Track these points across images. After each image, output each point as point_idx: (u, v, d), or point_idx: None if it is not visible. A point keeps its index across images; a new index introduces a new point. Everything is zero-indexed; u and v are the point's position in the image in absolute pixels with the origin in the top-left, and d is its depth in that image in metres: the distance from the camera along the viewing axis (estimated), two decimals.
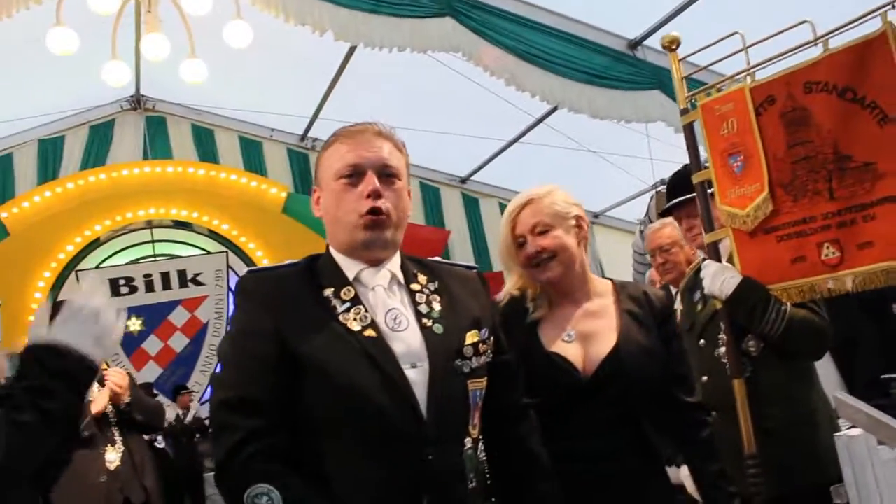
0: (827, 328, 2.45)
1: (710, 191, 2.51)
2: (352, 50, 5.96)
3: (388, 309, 1.73)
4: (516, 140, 7.16)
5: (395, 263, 1.81)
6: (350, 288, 1.74)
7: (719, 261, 2.53)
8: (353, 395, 1.62)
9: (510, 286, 2.24)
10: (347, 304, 1.71)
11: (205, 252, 7.27)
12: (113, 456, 3.79)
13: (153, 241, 7.21)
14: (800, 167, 2.21)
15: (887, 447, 2.16)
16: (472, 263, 2.08)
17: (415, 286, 1.80)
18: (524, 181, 2.22)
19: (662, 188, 6.67)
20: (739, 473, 2.33)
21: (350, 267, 1.78)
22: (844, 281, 2.18)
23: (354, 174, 1.73)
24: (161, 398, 6.09)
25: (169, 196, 7.15)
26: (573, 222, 2.16)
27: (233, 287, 7.26)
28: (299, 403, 1.65)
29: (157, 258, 7.18)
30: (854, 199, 2.11)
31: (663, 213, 3.17)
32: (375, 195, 1.71)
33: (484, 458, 1.80)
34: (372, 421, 1.61)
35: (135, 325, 6.85)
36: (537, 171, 6.96)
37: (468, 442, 1.73)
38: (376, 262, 1.78)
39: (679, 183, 2.92)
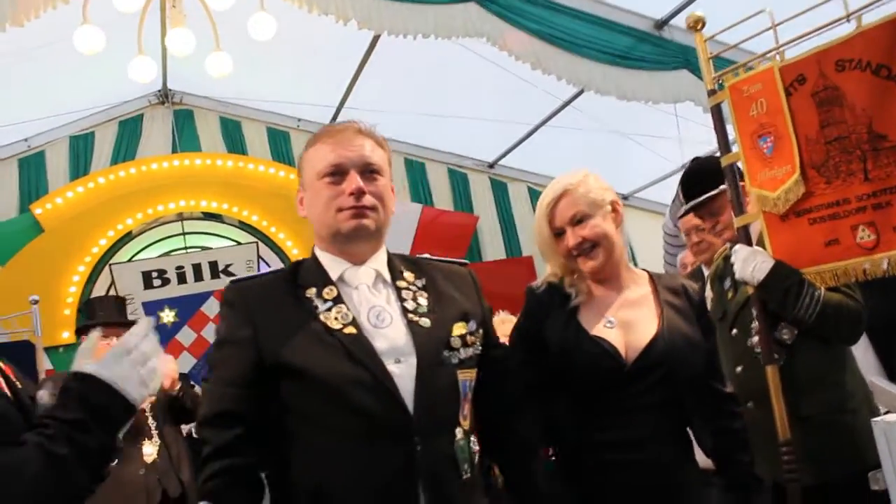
0: (862, 312, 2.40)
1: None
2: (376, 38, 5.93)
3: (371, 306, 1.76)
4: (543, 123, 7.10)
5: (380, 261, 1.85)
6: (332, 287, 1.78)
7: (750, 245, 2.49)
8: (334, 392, 1.65)
9: (547, 276, 2.24)
10: (329, 304, 1.74)
11: (235, 243, 7.30)
12: (150, 449, 3.84)
13: (184, 234, 7.26)
14: (833, 148, 2.17)
15: None
16: (503, 254, 2.08)
17: (401, 283, 1.83)
18: (552, 165, 2.21)
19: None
20: (777, 462, 2.31)
21: (334, 267, 1.81)
22: (880, 264, 2.14)
23: (337, 173, 1.78)
24: (197, 389, 6.15)
25: (198, 188, 7.20)
26: (609, 208, 2.15)
27: None
28: (284, 404, 1.69)
29: (189, 250, 7.23)
30: (890, 181, 2.07)
31: (682, 216, 3.12)
32: (359, 193, 1.76)
33: (476, 449, 1.80)
34: (356, 417, 1.64)
35: (168, 316, 6.91)
36: (565, 154, 6.92)
37: (459, 432, 1.74)
38: (360, 259, 1.81)
39: (693, 179, 2.88)
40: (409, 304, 1.79)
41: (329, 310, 1.73)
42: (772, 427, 2.35)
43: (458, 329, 1.79)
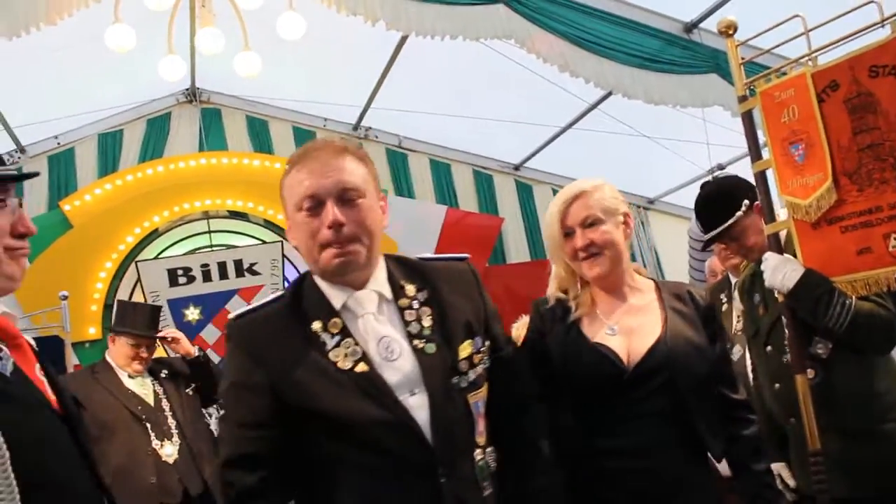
0: (894, 321, 2.37)
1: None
2: (403, 39, 5.93)
3: (380, 338, 1.72)
4: (570, 126, 7.06)
5: (380, 280, 1.79)
6: (337, 320, 1.72)
7: (781, 253, 2.46)
8: (358, 433, 1.63)
9: (553, 284, 2.25)
10: (337, 339, 1.70)
11: (260, 242, 7.32)
12: (170, 449, 3.89)
13: (210, 232, 7.30)
14: (865, 155, 2.13)
15: None
16: (527, 257, 2.08)
17: (403, 301, 1.78)
18: (578, 168, 2.22)
19: (719, 173, 6.55)
20: (805, 471, 2.28)
21: (335, 295, 1.76)
22: None
23: (314, 205, 1.70)
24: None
25: (225, 187, 7.21)
26: (621, 218, 2.18)
27: (288, 276, 7.34)
28: (305, 447, 1.68)
29: (214, 248, 7.26)
30: None
31: (704, 248, 3.07)
32: (336, 226, 1.68)
33: (494, 462, 1.79)
34: (381, 456, 1.63)
35: (193, 314, 6.95)
36: (591, 157, 6.88)
37: (478, 453, 1.74)
38: (358, 284, 1.76)
39: (706, 209, 2.83)
40: (413, 328, 1.75)
41: (337, 345, 1.70)
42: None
43: (465, 350, 1.77)
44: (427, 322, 1.76)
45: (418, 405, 1.67)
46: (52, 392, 1.68)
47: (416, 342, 1.72)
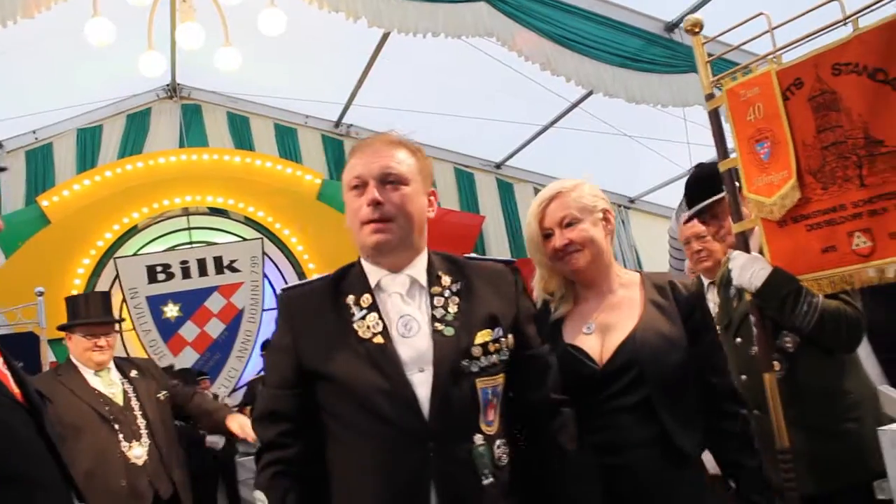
0: (860, 320, 2.37)
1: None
2: (385, 36, 5.92)
3: (402, 315, 1.82)
4: (551, 125, 7.08)
5: (419, 267, 1.88)
6: (369, 295, 1.85)
7: (748, 251, 2.46)
8: (359, 398, 1.75)
9: (538, 286, 2.24)
10: (364, 312, 1.83)
11: (240, 239, 7.31)
12: (139, 451, 3.71)
13: (189, 229, 7.28)
14: (829, 153, 2.13)
15: None
16: (508, 255, 2.11)
17: (436, 289, 1.87)
18: (559, 166, 2.21)
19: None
20: (775, 469, 2.28)
21: (373, 273, 1.88)
22: (877, 271, 2.11)
23: (360, 185, 1.83)
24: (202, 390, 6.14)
25: (205, 183, 7.21)
26: (600, 215, 2.16)
27: (268, 274, 7.32)
28: (319, 404, 1.82)
29: (194, 245, 7.24)
30: (886, 187, 2.03)
31: (687, 221, 3.10)
32: (374, 203, 1.79)
33: (502, 454, 1.82)
34: (377, 421, 1.73)
35: (172, 310, 6.93)
36: (572, 156, 6.89)
37: (479, 438, 1.77)
38: (397, 267, 1.86)
39: (696, 185, 2.85)
40: (438, 312, 1.83)
41: (363, 318, 1.81)
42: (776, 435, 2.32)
43: (482, 337, 1.82)
44: (453, 309, 1.84)
45: (422, 381, 1.75)
46: (17, 385, 1.66)
47: (436, 325, 1.81)
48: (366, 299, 1.84)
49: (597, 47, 5.41)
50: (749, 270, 2.38)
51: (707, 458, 2.15)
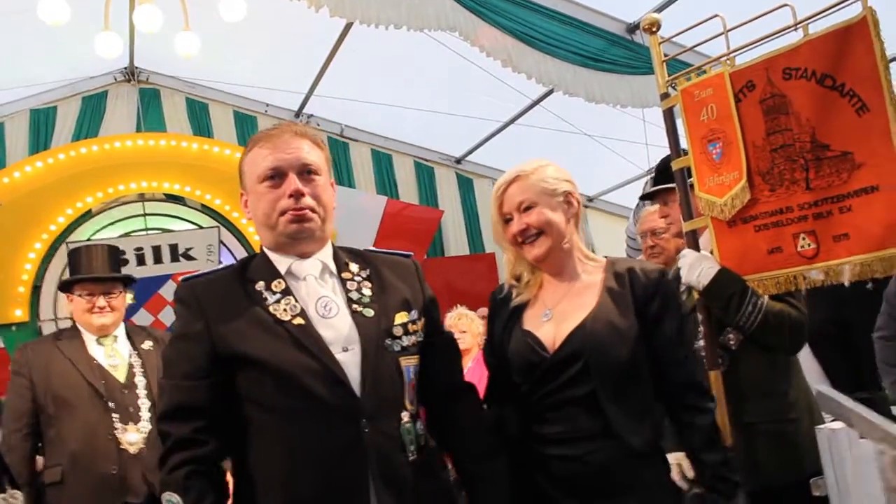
0: (804, 322, 2.42)
1: (689, 179, 2.48)
2: (348, 27, 5.89)
3: (319, 297, 1.85)
4: (512, 122, 7.11)
5: (326, 254, 1.93)
6: (281, 280, 1.86)
7: (697, 250, 2.50)
8: (286, 379, 1.73)
9: (508, 270, 2.23)
10: (278, 296, 1.83)
11: (197, 227, 7.21)
12: (134, 436, 3.24)
13: (145, 215, 7.16)
14: (778, 156, 2.18)
15: (868, 441, 2.14)
16: (466, 250, 2.14)
17: (346, 274, 1.92)
18: (519, 162, 2.19)
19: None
20: None
21: (281, 261, 1.89)
22: (819, 273, 2.15)
23: (276, 176, 1.85)
24: None
25: (161, 169, 7.07)
26: (561, 198, 2.12)
27: (225, 262, 7.24)
28: (240, 393, 1.78)
29: (149, 232, 7.13)
30: (831, 190, 2.08)
31: (644, 197, 3.15)
32: (297, 195, 1.83)
33: (422, 433, 1.87)
34: (307, 401, 1.72)
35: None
36: (532, 153, 6.82)
37: (405, 416, 1.82)
38: (306, 255, 1.89)
39: (663, 170, 2.89)
40: (354, 295, 1.87)
41: (278, 302, 1.81)
42: None
43: (400, 318, 1.88)
44: (367, 292, 1.89)
45: (349, 360, 1.77)
46: None
47: (354, 306, 1.84)
48: (277, 284, 1.84)
49: (559, 46, 5.44)
50: (697, 269, 2.42)
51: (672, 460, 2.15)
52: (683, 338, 2.15)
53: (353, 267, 1.93)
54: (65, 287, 3.56)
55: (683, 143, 2.54)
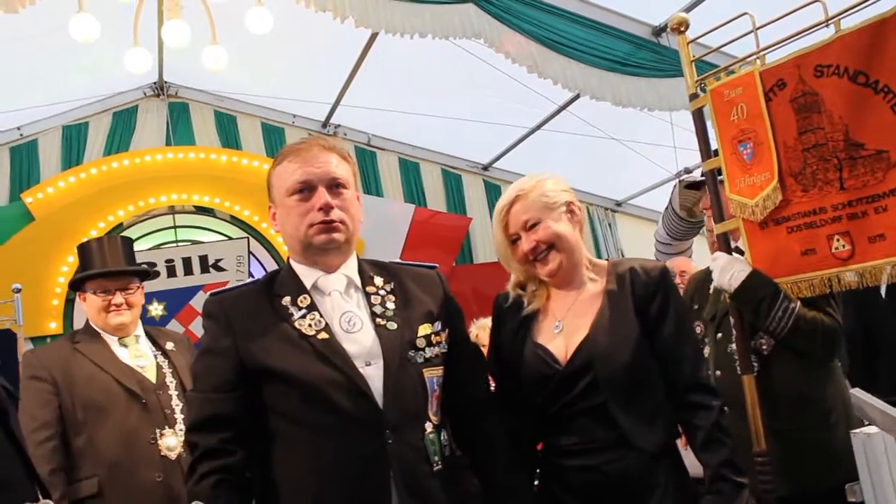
0: (837, 329, 2.36)
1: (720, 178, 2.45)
2: (373, 36, 5.91)
3: (343, 312, 1.87)
4: (538, 127, 7.08)
5: (351, 268, 1.95)
6: (306, 295, 1.88)
7: (729, 252, 2.46)
8: (311, 392, 1.76)
9: (512, 279, 2.23)
10: (304, 311, 1.85)
11: (226, 238, 7.27)
12: (173, 441, 2.97)
13: (175, 227, 7.23)
14: (810, 155, 2.14)
15: None
16: (495, 257, 2.16)
17: (370, 288, 1.94)
18: (546, 168, 2.19)
19: (686, 177, 6.57)
20: (750, 472, 2.27)
21: (308, 275, 1.91)
22: (854, 274, 2.11)
23: (305, 189, 1.87)
24: None
25: (191, 182, 7.14)
26: (563, 209, 2.12)
27: (254, 273, 7.28)
28: (265, 406, 1.81)
29: (179, 244, 7.20)
30: (865, 190, 2.04)
31: (691, 186, 3.12)
32: (327, 208, 1.86)
33: (447, 443, 1.89)
34: (331, 414, 1.75)
35: (157, 309, 6.87)
36: (560, 158, 6.89)
37: (429, 427, 1.84)
38: (332, 269, 1.92)
39: None
40: (378, 309, 1.89)
41: (303, 317, 1.84)
42: (747, 436, 2.32)
43: (424, 329, 1.90)
44: (391, 306, 1.91)
45: (373, 374, 1.79)
46: None
47: (378, 320, 1.87)
48: (303, 299, 1.87)
49: (584, 50, 5.43)
50: (729, 272, 2.39)
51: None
52: (685, 335, 2.12)
53: (378, 280, 1.96)
54: (76, 285, 3.21)
55: (713, 144, 2.52)
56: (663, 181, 7.28)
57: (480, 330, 5.00)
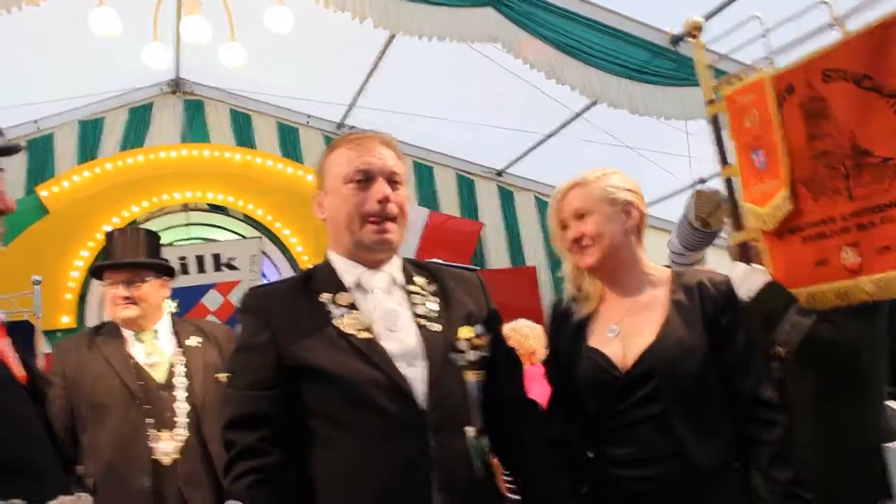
0: (853, 348, 2.28)
1: None
2: (391, 38, 5.91)
3: (385, 310, 1.84)
4: (554, 134, 7.05)
5: (395, 265, 1.92)
6: (346, 294, 1.85)
7: (748, 262, 2.41)
8: (352, 391, 1.73)
9: (567, 279, 2.19)
10: (343, 310, 1.82)
11: (240, 236, 7.27)
12: (168, 445, 2.84)
13: (188, 224, 7.24)
14: (819, 163, 2.08)
15: None
16: (507, 263, 2.14)
17: (413, 287, 1.90)
18: (561, 175, 2.18)
19: (701, 186, 6.52)
20: None
21: (349, 271, 1.88)
22: (864, 287, 2.05)
23: (364, 178, 1.84)
24: None
25: (205, 180, 7.15)
26: (620, 208, 2.06)
27: (267, 272, 7.28)
28: (304, 405, 1.77)
29: (192, 241, 7.21)
30: (873, 200, 1.96)
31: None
32: (385, 201, 1.83)
33: (488, 449, 1.85)
34: (372, 415, 1.72)
35: (169, 307, 6.89)
36: (574, 165, 6.82)
37: (470, 430, 1.80)
38: (377, 264, 1.89)
39: None
40: (420, 309, 1.86)
41: (343, 315, 1.81)
42: None
43: (465, 332, 1.86)
44: (433, 307, 1.88)
45: (416, 374, 1.76)
46: (24, 368, 1.63)
47: (420, 320, 1.84)
48: (343, 297, 1.83)
49: (603, 58, 5.40)
50: (746, 283, 2.32)
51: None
52: (753, 351, 2.07)
53: (420, 280, 1.93)
54: (96, 274, 3.17)
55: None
56: (678, 191, 7.21)
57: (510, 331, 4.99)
